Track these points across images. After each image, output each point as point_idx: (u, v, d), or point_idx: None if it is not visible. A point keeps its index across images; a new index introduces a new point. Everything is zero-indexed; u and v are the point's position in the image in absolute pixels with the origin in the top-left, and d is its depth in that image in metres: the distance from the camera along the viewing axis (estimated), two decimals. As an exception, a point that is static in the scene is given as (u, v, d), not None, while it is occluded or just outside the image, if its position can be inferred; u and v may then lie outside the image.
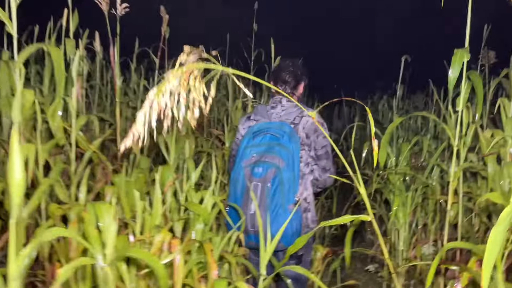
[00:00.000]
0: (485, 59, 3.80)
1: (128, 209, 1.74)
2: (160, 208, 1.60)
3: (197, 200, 1.97)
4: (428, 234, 2.97)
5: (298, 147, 2.14)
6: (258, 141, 2.16)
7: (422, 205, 2.81)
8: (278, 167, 2.06)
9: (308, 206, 2.24)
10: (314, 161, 2.26)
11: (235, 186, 2.12)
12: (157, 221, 1.59)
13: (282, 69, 2.35)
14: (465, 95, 1.98)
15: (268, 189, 2.03)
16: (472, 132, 2.39)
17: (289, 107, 2.26)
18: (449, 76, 1.86)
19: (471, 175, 3.13)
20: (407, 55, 4.46)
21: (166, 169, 1.96)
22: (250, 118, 2.33)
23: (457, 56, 1.85)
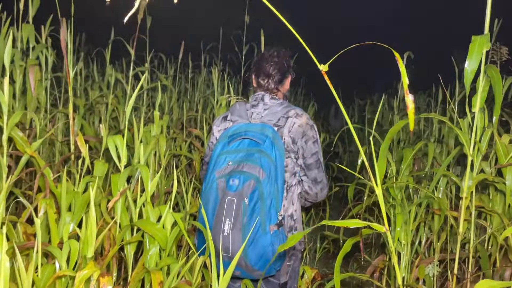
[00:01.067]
0: (496, 55, 3.45)
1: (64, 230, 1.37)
2: (93, 232, 1.23)
3: (154, 218, 1.60)
4: (432, 252, 2.61)
5: (282, 155, 1.76)
6: (234, 146, 1.78)
7: (426, 220, 2.44)
8: (257, 178, 1.68)
9: (294, 224, 1.87)
10: (303, 171, 1.89)
11: (207, 201, 1.74)
12: (89, 251, 1.22)
13: (265, 59, 1.95)
14: (482, 94, 1.62)
15: (245, 205, 1.66)
16: (487, 137, 2.03)
17: (272, 106, 1.89)
18: (466, 68, 1.50)
19: (482, 185, 2.78)
20: (410, 52, 4.12)
21: (116, 178, 1.60)
22: (226, 119, 1.95)
23: (475, 44, 1.49)
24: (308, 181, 1.89)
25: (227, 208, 1.67)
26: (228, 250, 1.67)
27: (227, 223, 1.66)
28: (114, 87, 3.80)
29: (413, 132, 4.65)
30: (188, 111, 4.38)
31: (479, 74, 1.67)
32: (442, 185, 2.49)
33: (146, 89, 3.59)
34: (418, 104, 6.65)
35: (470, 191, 1.80)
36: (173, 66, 4.96)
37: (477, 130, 1.87)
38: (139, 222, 1.51)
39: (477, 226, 2.62)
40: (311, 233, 3.40)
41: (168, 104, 4.00)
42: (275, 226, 1.69)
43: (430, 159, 2.44)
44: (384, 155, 1.50)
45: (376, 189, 0.88)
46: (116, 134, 3.28)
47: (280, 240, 1.71)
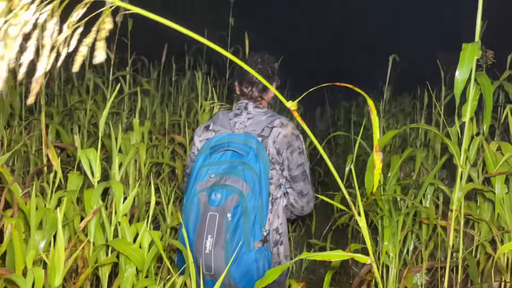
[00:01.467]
0: (482, 59, 3.43)
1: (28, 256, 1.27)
2: (61, 258, 1.14)
3: (131, 236, 1.51)
4: (420, 261, 2.57)
5: (266, 167, 1.68)
6: (216, 158, 1.69)
7: (413, 229, 2.39)
8: (241, 192, 1.59)
9: (280, 238, 1.79)
10: (288, 183, 1.81)
11: (188, 216, 1.65)
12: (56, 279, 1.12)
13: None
14: (473, 103, 1.57)
15: (228, 221, 1.57)
16: (476, 145, 1.99)
17: (256, 115, 1.80)
18: (456, 77, 1.44)
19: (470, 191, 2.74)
20: (395, 55, 4.09)
21: (89, 195, 1.50)
22: (208, 128, 1.86)
23: (466, 52, 1.43)
24: (293, 193, 1.81)
25: (209, 224, 1.58)
26: (211, 269, 1.58)
27: (209, 240, 1.58)
28: (95, 91, 3.68)
29: (399, 136, 4.63)
30: (172, 115, 4.28)
31: (469, 82, 1.62)
32: (429, 192, 2.44)
33: (127, 94, 3.48)
34: (403, 106, 6.66)
35: (460, 201, 1.75)
36: (156, 69, 4.85)
37: (466, 139, 1.82)
38: (114, 242, 1.42)
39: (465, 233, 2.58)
40: (297, 241, 3.33)
41: (151, 109, 3.89)
42: (260, 242, 1.61)
43: (418, 167, 2.39)
44: (371, 168, 1.43)
45: (359, 220, 0.81)
46: (96, 141, 3.18)
47: (265, 256, 1.63)
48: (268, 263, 1.66)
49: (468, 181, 2.58)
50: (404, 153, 2.29)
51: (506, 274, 2.09)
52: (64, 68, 3.98)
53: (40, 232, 1.55)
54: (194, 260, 1.61)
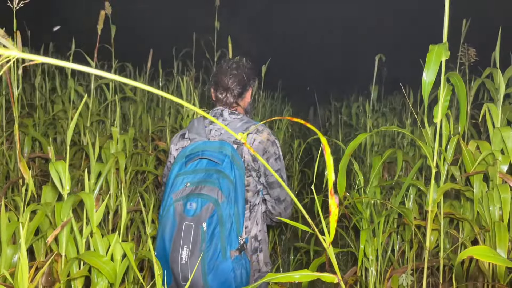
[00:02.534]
0: (465, 57, 3.43)
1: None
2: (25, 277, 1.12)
3: (104, 248, 1.49)
4: (406, 261, 2.56)
5: (242, 174, 1.66)
6: (192, 167, 1.67)
7: (398, 230, 2.39)
8: (216, 201, 1.57)
9: (259, 245, 1.78)
10: (265, 189, 1.80)
11: (164, 226, 1.62)
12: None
13: (223, 72, 1.84)
14: (444, 103, 1.56)
15: (204, 231, 1.55)
16: (453, 145, 1.98)
17: (232, 122, 1.79)
18: (423, 79, 1.43)
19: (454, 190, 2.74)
20: (382, 54, 4.09)
21: (59, 208, 1.49)
22: (184, 137, 1.84)
23: (433, 54, 1.42)
24: (271, 200, 1.81)
25: (184, 234, 1.57)
26: (187, 279, 1.57)
27: (185, 251, 1.56)
28: (78, 99, 3.66)
29: (387, 135, 4.62)
30: (158, 121, 4.27)
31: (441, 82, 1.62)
32: (412, 192, 2.44)
33: (111, 101, 3.46)
34: (393, 104, 6.67)
35: (436, 202, 1.74)
36: (142, 75, 4.83)
37: (442, 140, 1.81)
38: (85, 255, 1.40)
39: (450, 233, 2.58)
40: (284, 245, 3.32)
41: (135, 116, 3.88)
42: (236, 251, 1.60)
43: (399, 167, 2.38)
44: (343, 173, 1.42)
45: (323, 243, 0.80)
46: (80, 150, 3.16)
47: (242, 265, 1.62)
48: (246, 271, 1.64)
49: (452, 180, 2.58)
50: (385, 154, 2.28)
51: (489, 275, 2.08)
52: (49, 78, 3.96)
53: (13, 247, 1.54)
54: (171, 270, 1.60)
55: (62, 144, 3.23)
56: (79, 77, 4.70)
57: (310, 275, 0.90)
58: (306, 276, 0.90)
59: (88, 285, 1.57)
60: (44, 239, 1.73)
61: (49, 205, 1.74)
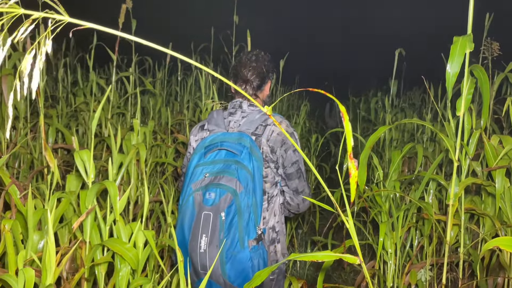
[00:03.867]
0: (488, 51, 3.37)
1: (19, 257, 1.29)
2: (52, 258, 1.16)
3: (126, 236, 1.53)
4: (425, 256, 2.54)
5: (260, 166, 1.68)
6: (211, 158, 1.69)
7: (416, 225, 2.37)
8: (234, 191, 1.59)
9: (277, 236, 1.80)
10: (284, 181, 1.81)
11: (184, 215, 1.65)
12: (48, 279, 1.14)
13: (243, 64, 1.85)
14: (467, 96, 1.54)
15: (222, 220, 1.58)
16: (475, 139, 1.96)
17: (251, 113, 1.80)
18: (447, 71, 1.42)
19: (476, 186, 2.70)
20: (402, 49, 4.04)
21: (84, 195, 1.52)
22: (203, 128, 1.86)
23: (457, 46, 1.41)
24: (289, 191, 1.81)
25: (203, 223, 1.59)
26: (206, 267, 1.59)
27: (204, 239, 1.59)
28: (99, 92, 3.72)
29: (407, 130, 4.58)
30: (177, 114, 4.31)
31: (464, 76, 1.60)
32: (432, 187, 2.41)
33: (131, 94, 3.51)
34: (413, 100, 6.59)
35: (457, 197, 1.73)
36: (162, 69, 4.88)
37: (464, 134, 1.79)
38: (108, 242, 1.43)
39: (470, 229, 2.55)
40: (302, 238, 3.32)
41: (154, 109, 3.92)
42: (254, 241, 1.62)
43: (419, 162, 2.36)
44: (364, 166, 1.42)
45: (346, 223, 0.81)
46: (101, 142, 3.22)
47: (260, 255, 1.63)
48: (264, 261, 1.66)
49: (473, 176, 2.55)
50: (405, 148, 2.27)
51: (510, 270, 2.06)
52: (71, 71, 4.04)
53: (39, 233, 1.58)
54: (190, 259, 1.62)
55: (83, 136, 3.29)
56: (100, 70, 4.77)
57: (333, 255, 0.92)
58: (328, 256, 0.92)
59: (111, 271, 1.61)
60: (68, 226, 1.77)
61: (73, 193, 1.78)
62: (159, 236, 2.47)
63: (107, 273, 1.61)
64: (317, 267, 3.18)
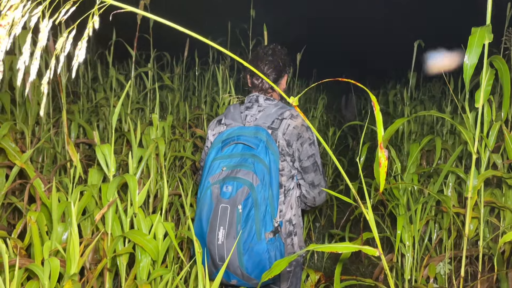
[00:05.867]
0: (509, 41, 3.30)
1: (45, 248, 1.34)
2: (76, 249, 1.20)
3: (147, 227, 1.57)
4: (444, 249, 2.53)
5: (276, 159, 1.69)
6: (228, 152, 1.71)
7: (435, 218, 2.36)
8: (251, 185, 1.61)
9: (294, 229, 1.81)
10: (300, 174, 1.82)
11: (202, 208, 1.68)
12: (72, 268, 1.19)
13: (259, 58, 1.86)
14: (486, 88, 1.53)
15: (239, 213, 1.60)
16: (495, 131, 1.93)
17: (267, 107, 1.81)
18: (465, 63, 1.41)
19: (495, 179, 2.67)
20: (420, 41, 3.99)
21: (105, 188, 1.57)
22: (220, 122, 1.88)
23: (475, 37, 1.39)
24: (305, 184, 1.82)
25: (221, 216, 1.62)
26: (223, 259, 1.62)
27: (221, 232, 1.61)
28: (119, 88, 3.79)
29: (426, 123, 4.52)
30: (195, 109, 4.35)
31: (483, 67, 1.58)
32: (451, 180, 2.40)
33: (150, 89, 3.56)
34: (433, 92, 6.49)
35: (476, 189, 1.71)
36: (179, 64, 4.92)
37: (483, 126, 1.77)
38: (129, 233, 1.48)
39: (490, 222, 2.52)
40: (319, 231, 3.33)
41: (173, 103, 3.97)
42: (271, 233, 1.64)
43: (438, 155, 2.34)
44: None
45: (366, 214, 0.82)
46: (121, 136, 3.28)
47: (276, 247, 1.65)
48: (280, 253, 1.68)
49: (493, 169, 2.51)
50: (423, 141, 2.25)
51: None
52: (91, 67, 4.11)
53: (63, 225, 1.64)
54: (208, 250, 1.65)
55: (104, 130, 3.36)
56: (119, 66, 4.85)
57: (351, 247, 0.93)
58: (347, 248, 0.93)
59: (132, 261, 1.65)
60: (91, 218, 1.83)
61: (95, 186, 1.83)
62: (178, 228, 2.51)
63: (128, 264, 1.66)
64: (334, 260, 3.19)
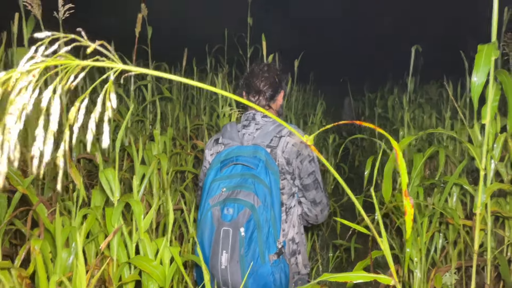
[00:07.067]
0: (508, 46, 3.30)
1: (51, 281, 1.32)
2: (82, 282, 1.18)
3: (152, 252, 1.54)
4: (449, 260, 2.52)
5: (277, 179, 1.66)
6: (227, 172, 1.68)
7: (441, 228, 2.34)
8: (252, 206, 1.58)
9: (297, 248, 1.79)
10: (301, 192, 1.80)
11: (203, 231, 1.65)
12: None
13: (255, 75, 1.84)
14: (493, 104, 1.51)
15: (242, 236, 1.57)
16: (501, 143, 1.92)
17: (264, 125, 1.78)
18: (473, 81, 1.39)
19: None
20: (418, 46, 3.99)
21: (110, 213, 1.54)
22: (218, 141, 1.85)
23: (482, 54, 1.38)
24: (306, 202, 1.80)
25: (223, 239, 1.59)
26: (228, 284, 1.59)
27: (224, 256, 1.58)
28: (118, 100, 3.76)
29: (424, 127, 4.52)
30: (195, 118, 4.33)
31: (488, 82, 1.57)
32: (455, 190, 2.38)
33: (149, 102, 3.54)
34: (430, 95, 6.50)
35: (484, 205, 1.70)
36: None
37: (489, 140, 1.76)
38: (135, 259, 1.45)
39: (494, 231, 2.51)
40: (323, 242, 3.31)
41: (172, 114, 3.95)
42: (275, 255, 1.61)
43: (442, 165, 2.33)
44: (389, 178, 1.40)
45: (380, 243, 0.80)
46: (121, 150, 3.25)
47: (281, 269, 1.63)
48: (285, 275, 1.66)
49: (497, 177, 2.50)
50: (427, 151, 2.23)
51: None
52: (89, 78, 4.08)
53: (67, 250, 1.61)
54: (212, 275, 1.63)
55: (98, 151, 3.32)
56: (118, 77, 4.82)
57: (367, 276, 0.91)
58: (363, 277, 0.91)
59: (137, 286, 1.63)
60: (95, 241, 1.80)
61: (98, 208, 1.81)
62: (182, 244, 2.49)
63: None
64: (340, 270, 3.17)
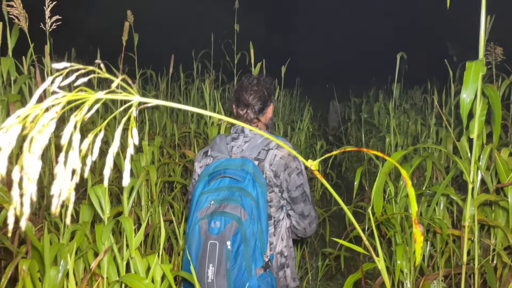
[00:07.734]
0: (491, 56, 3.36)
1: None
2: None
3: (143, 269, 1.53)
4: (437, 268, 2.55)
5: (264, 192, 1.66)
6: (215, 185, 1.67)
7: (427, 237, 2.37)
8: (239, 219, 1.56)
9: (286, 261, 1.78)
10: (289, 204, 1.80)
11: (190, 244, 1.63)
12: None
13: (244, 88, 1.84)
14: (480, 119, 1.54)
15: (228, 249, 1.56)
16: (487, 155, 1.96)
17: (253, 138, 1.78)
18: (462, 98, 1.42)
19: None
20: (403, 53, 4.04)
21: (100, 231, 1.52)
22: (207, 154, 1.84)
23: (470, 72, 1.40)
24: (295, 215, 1.80)
25: (209, 253, 1.57)
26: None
27: (211, 269, 1.57)
28: (105, 110, 3.72)
29: (410, 134, 4.58)
30: (182, 126, 4.30)
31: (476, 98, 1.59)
32: (443, 200, 2.42)
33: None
34: (414, 100, 6.58)
35: (472, 217, 1.73)
36: (164, 80, 4.87)
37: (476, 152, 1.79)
38: (126, 278, 1.43)
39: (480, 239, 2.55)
40: (312, 250, 3.32)
41: (160, 121, 3.92)
42: (261, 269, 1.60)
43: (429, 175, 2.36)
44: (379, 194, 1.42)
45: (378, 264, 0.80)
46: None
47: (268, 283, 1.62)
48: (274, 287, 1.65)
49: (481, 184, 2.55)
50: (415, 162, 2.26)
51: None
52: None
53: (55, 268, 1.58)
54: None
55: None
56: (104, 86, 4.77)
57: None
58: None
59: (129, 304, 1.61)
60: (83, 257, 1.77)
61: (87, 224, 1.78)
62: (172, 257, 2.47)
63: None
64: (329, 278, 3.18)
